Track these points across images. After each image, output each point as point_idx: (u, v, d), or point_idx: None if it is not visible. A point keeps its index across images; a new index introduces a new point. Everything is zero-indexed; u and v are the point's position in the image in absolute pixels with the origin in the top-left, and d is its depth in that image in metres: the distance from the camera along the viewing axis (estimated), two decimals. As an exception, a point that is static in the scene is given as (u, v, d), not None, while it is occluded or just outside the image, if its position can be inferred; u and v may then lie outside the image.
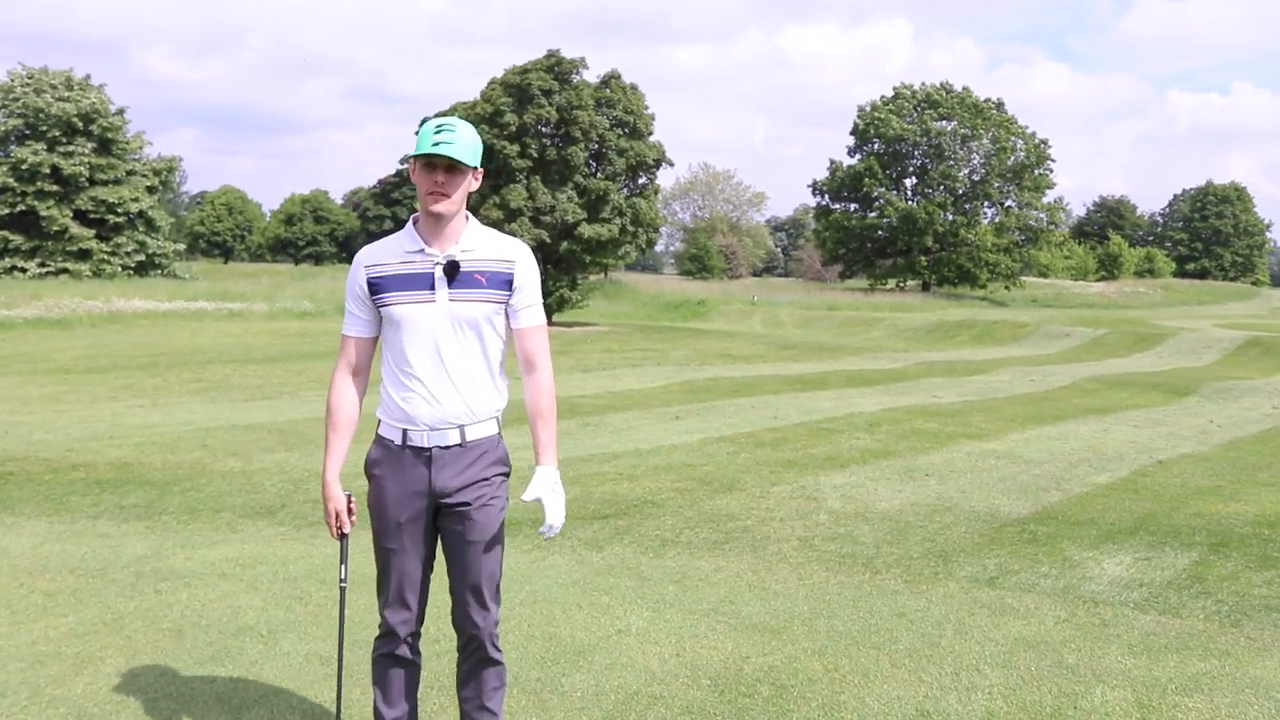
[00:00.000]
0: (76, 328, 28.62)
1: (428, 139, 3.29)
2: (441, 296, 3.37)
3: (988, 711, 4.41)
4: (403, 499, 3.47)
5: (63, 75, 51.58)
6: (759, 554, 6.94)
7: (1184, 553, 7.17)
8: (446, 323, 3.38)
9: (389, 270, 3.39)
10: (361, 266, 3.43)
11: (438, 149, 3.26)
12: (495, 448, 3.55)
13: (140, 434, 11.43)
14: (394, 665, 3.63)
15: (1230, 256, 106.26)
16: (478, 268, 3.40)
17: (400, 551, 3.52)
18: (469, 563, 3.53)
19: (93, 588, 5.84)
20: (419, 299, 3.36)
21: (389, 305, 3.39)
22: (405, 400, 3.41)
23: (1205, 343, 32.59)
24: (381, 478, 3.50)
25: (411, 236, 3.42)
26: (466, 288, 3.39)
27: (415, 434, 3.43)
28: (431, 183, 3.31)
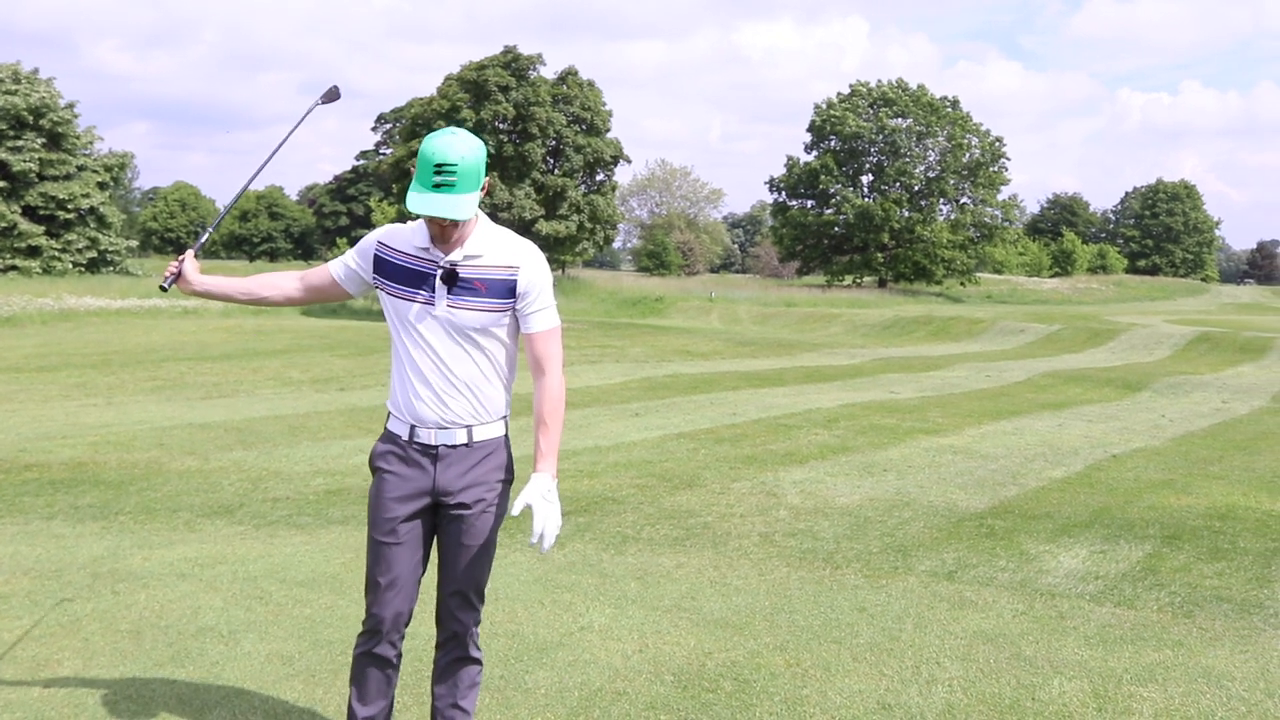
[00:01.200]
0: (27, 326, 28.19)
1: (426, 176, 3.16)
2: (440, 302, 3.33)
3: (948, 704, 4.46)
4: (405, 495, 3.43)
5: (10, 69, 50.73)
6: (720, 550, 6.97)
7: (1138, 545, 7.29)
8: (444, 329, 3.34)
9: (397, 259, 3.38)
10: (377, 239, 3.46)
11: (435, 210, 3.16)
12: (500, 450, 3.53)
13: (94, 433, 11.30)
14: (375, 663, 3.59)
15: (1181, 253, 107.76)
16: (479, 275, 3.34)
17: (396, 547, 3.45)
18: (460, 565, 3.51)
19: (48, 589, 5.76)
20: (416, 298, 3.34)
21: (385, 292, 3.41)
22: (413, 398, 3.40)
23: (1157, 338, 33.05)
24: (385, 471, 3.45)
25: (422, 234, 3.37)
26: (465, 295, 3.33)
27: (423, 432, 3.41)
28: (437, 227, 3.28)
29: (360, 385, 16.75)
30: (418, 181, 3.17)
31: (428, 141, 3.22)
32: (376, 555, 3.48)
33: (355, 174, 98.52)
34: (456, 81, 35.66)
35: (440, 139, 3.20)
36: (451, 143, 3.18)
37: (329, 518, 7.69)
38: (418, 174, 3.17)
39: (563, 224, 35.70)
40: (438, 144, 3.18)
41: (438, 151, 3.16)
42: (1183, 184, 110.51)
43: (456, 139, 3.20)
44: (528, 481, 3.39)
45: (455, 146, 3.17)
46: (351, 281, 3.52)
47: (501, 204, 34.84)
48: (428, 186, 3.15)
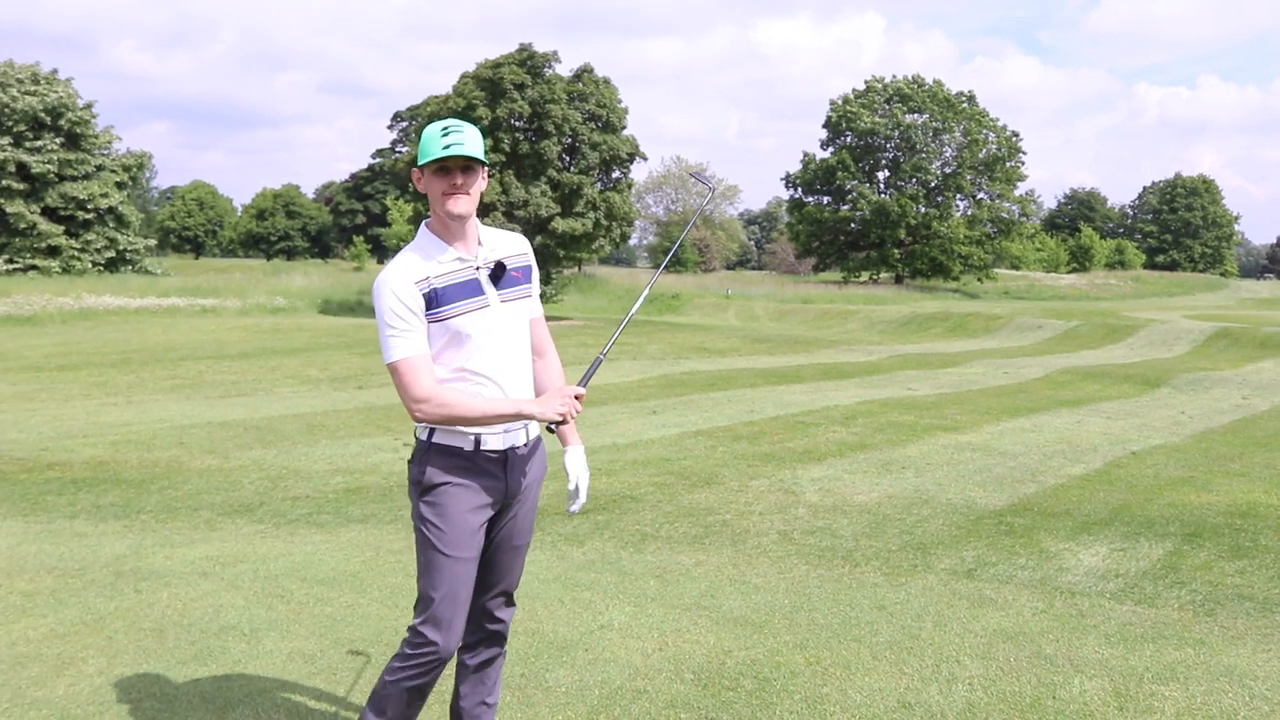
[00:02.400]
0: (47, 325, 28.38)
1: (436, 143, 3.25)
2: (494, 300, 3.36)
3: (968, 703, 4.45)
4: (479, 506, 3.38)
5: (29, 69, 51.04)
6: (739, 548, 6.97)
7: (1158, 543, 7.25)
8: (502, 325, 3.37)
9: (441, 281, 3.29)
10: (410, 284, 3.25)
11: (450, 150, 3.22)
12: (542, 445, 3.62)
13: (115, 432, 11.37)
14: (427, 689, 3.44)
15: (1199, 248, 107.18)
16: (513, 265, 3.46)
17: (467, 562, 3.37)
18: (511, 565, 3.58)
19: (72, 588, 5.80)
20: (475, 306, 3.32)
21: (449, 318, 3.28)
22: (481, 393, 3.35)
23: (1176, 334, 32.89)
24: (452, 486, 3.34)
25: (438, 245, 3.36)
26: (510, 287, 3.42)
27: (490, 438, 3.37)
28: (450, 184, 3.28)
29: (378, 383, 16.79)
30: (429, 153, 3.26)
31: (426, 130, 3.33)
32: (453, 574, 3.34)
33: (371, 172, 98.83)
34: (472, 79, 35.69)
35: (440, 121, 3.34)
36: (451, 120, 3.35)
37: (349, 516, 7.72)
38: (427, 148, 3.27)
39: (579, 221, 35.69)
40: (437, 122, 3.33)
41: (440, 123, 3.31)
42: (1201, 179, 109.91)
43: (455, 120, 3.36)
44: (570, 457, 3.59)
45: (455, 120, 3.33)
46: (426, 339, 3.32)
47: (518, 201, 34.87)
48: (441, 149, 3.24)
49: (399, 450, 10.49)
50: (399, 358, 3.23)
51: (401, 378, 3.24)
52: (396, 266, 3.30)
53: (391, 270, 3.29)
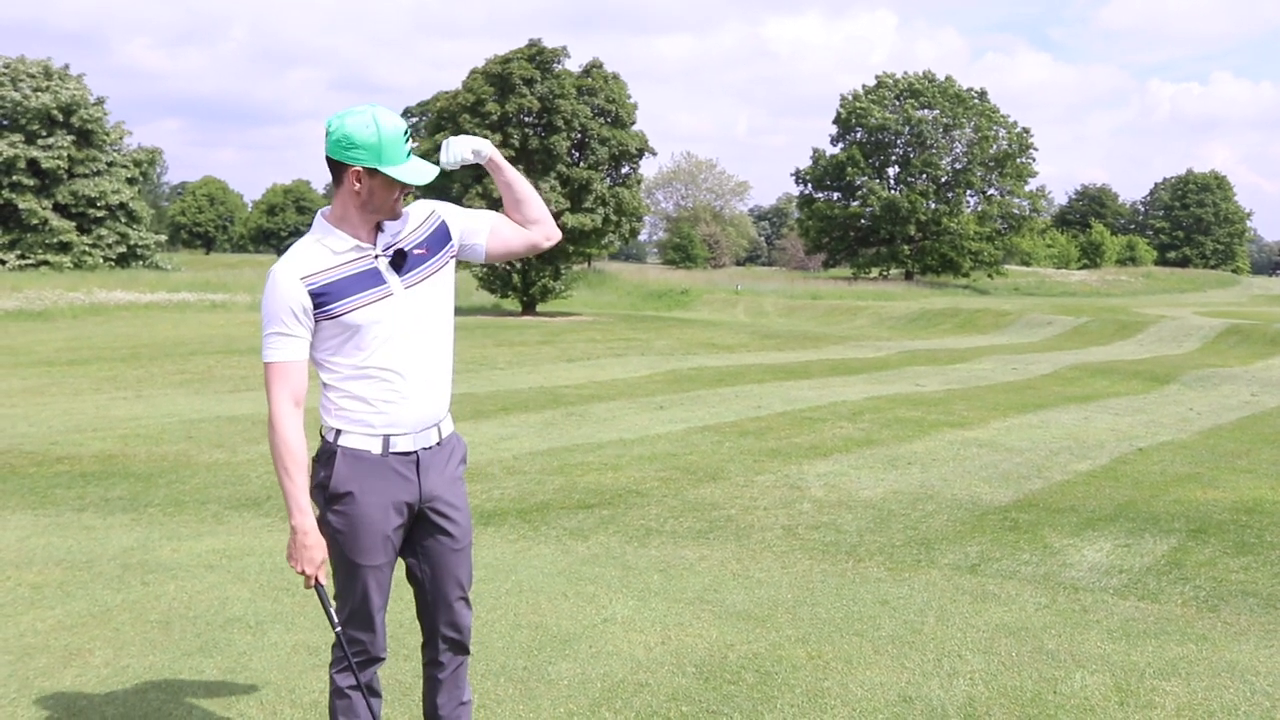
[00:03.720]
0: (58, 320, 28.50)
1: (399, 151, 3.09)
2: (397, 289, 3.17)
3: (969, 697, 4.46)
4: (388, 511, 3.23)
5: (41, 65, 51.17)
6: (743, 543, 6.99)
7: (1163, 539, 7.25)
8: (409, 315, 3.19)
9: (331, 275, 3.10)
10: (296, 280, 3.07)
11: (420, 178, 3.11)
12: (460, 442, 3.48)
13: (124, 426, 11.42)
14: (372, 689, 3.43)
15: (1211, 245, 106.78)
16: (416, 240, 3.26)
17: (381, 569, 3.28)
18: (456, 566, 3.42)
19: (79, 580, 5.85)
20: (375, 296, 3.13)
21: (343, 314, 3.10)
22: (385, 405, 3.19)
23: (1186, 330, 32.81)
24: (359, 494, 3.19)
25: (337, 236, 3.15)
26: (415, 269, 3.22)
27: (399, 439, 3.23)
28: (401, 192, 3.16)
29: (386, 378, 16.83)
30: (393, 160, 3.08)
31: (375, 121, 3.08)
32: (358, 584, 3.26)
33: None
34: (482, 75, 35.71)
35: (379, 112, 3.11)
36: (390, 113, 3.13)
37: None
38: (389, 153, 3.07)
39: (589, 217, 35.71)
40: (388, 117, 3.11)
41: (397, 122, 3.11)
42: (1213, 175, 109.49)
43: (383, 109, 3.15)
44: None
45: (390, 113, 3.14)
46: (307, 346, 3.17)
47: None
48: (405, 156, 3.11)
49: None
50: (273, 359, 3.12)
51: (271, 383, 3.14)
52: (288, 262, 3.12)
53: (282, 265, 3.11)
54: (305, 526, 3.12)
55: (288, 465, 3.12)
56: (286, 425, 3.13)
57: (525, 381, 16.75)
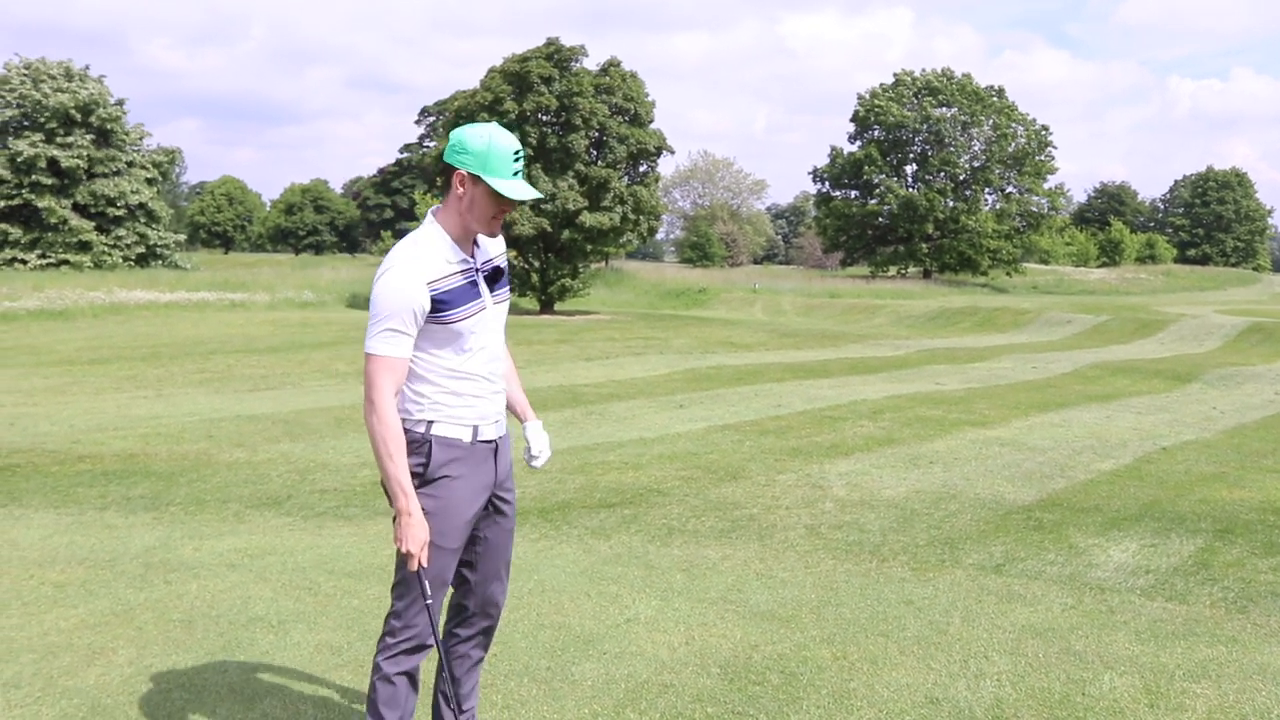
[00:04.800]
0: (79, 319, 28.63)
1: (506, 166, 3.28)
2: (488, 302, 3.43)
3: (996, 698, 4.42)
4: (475, 495, 3.45)
5: (61, 66, 51.47)
6: (766, 542, 6.95)
7: (1189, 539, 7.19)
8: (494, 326, 3.47)
9: (448, 284, 3.30)
10: (422, 284, 3.24)
11: (523, 195, 3.29)
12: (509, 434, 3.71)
13: (145, 425, 11.45)
14: (414, 681, 3.49)
15: (1231, 242, 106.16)
16: (500, 263, 3.54)
17: (455, 554, 3.47)
18: (505, 546, 3.67)
19: (102, 579, 5.85)
20: (475, 309, 3.36)
21: (453, 321, 3.31)
22: (475, 401, 3.42)
23: (1207, 329, 32.59)
24: (454, 478, 3.39)
25: (451, 247, 3.35)
26: (500, 287, 3.51)
27: (485, 428, 3.46)
28: (504, 209, 3.35)
29: (405, 377, 16.85)
30: (498, 171, 3.27)
31: (490, 134, 3.30)
32: (442, 565, 3.41)
33: (399, 167, 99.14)
34: (499, 74, 35.71)
35: (496, 129, 3.32)
36: (508, 133, 3.34)
37: (376, 509, 7.75)
38: (495, 164, 3.26)
39: (606, 215, 35.66)
40: (503, 135, 3.31)
41: (510, 140, 3.31)
42: (1234, 172, 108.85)
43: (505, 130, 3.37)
44: (533, 428, 3.79)
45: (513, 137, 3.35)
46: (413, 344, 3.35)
47: (545, 195, 34.89)
48: (511, 174, 3.29)
49: (426, 444, 10.51)
50: (382, 354, 3.24)
51: (374, 374, 3.25)
52: (412, 264, 3.27)
53: (407, 267, 3.26)
54: (411, 508, 3.26)
55: (393, 451, 3.24)
56: (393, 413, 3.27)
57: (544, 380, 16.74)
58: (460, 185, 3.30)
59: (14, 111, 49.91)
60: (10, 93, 49.86)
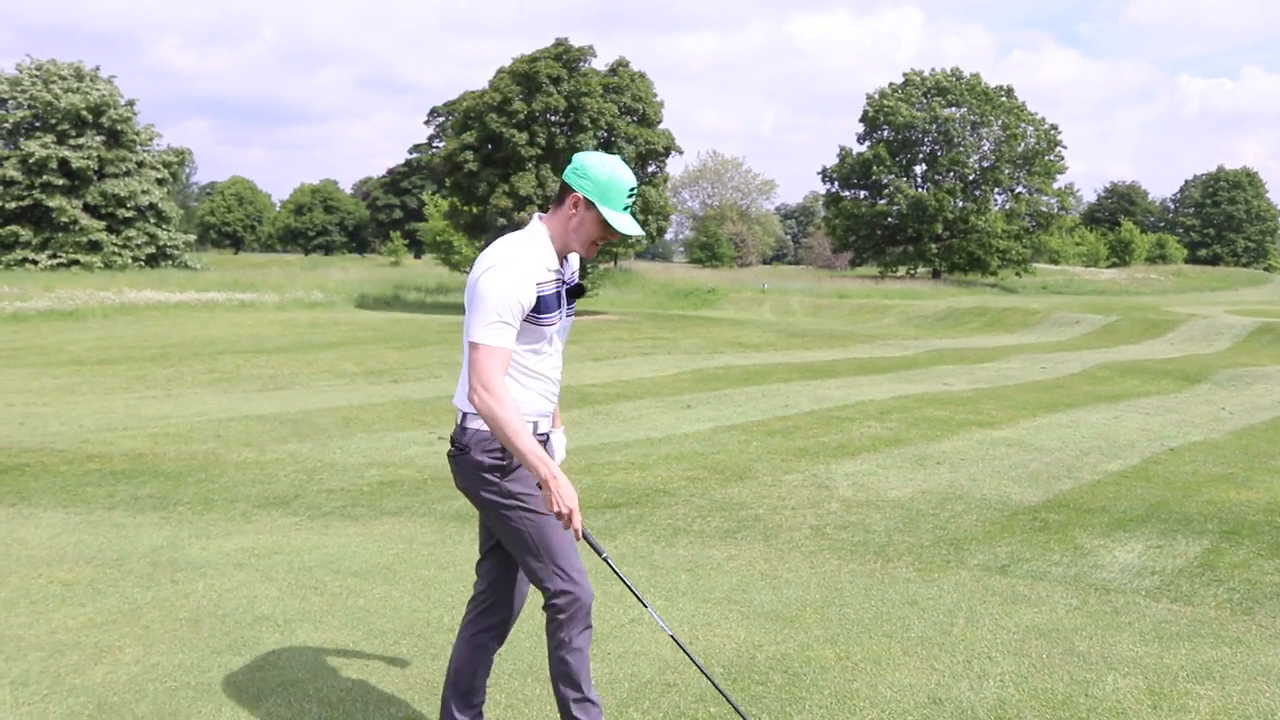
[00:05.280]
0: (89, 319, 28.73)
1: (621, 199, 3.51)
2: (564, 314, 3.64)
3: (999, 699, 4.43)
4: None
5: (72, 67, 51.70)
6: (771, 543, 6.96)
7: (1195, 540, 7.18)
8: (563, 336, 3.70)
9: (545, 290, 3.48)
10: (531, 283, 3.42)
11: (633, 231, 3.52)
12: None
13: (154, 425, 11.49)
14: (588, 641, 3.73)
15: (1242, 242, 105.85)
16: (582, 283, 3.76)
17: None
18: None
19: (110, 578, 5.88)
20: (557, 319, 3.56)
21: (544, 324, 3.51)
22: (539, 400, 3.61)
23: (1217, 329, 32.49)
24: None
25: (553, 255, 3.55)
26: (573, 303, 3.71)
27: (542, 424, 3.67)
28: (603, 238, 3.57)
29: (414, 378, 16.90)
30: (612, 203, 3.50)
31: (614, 167, 3.52)
32: (566, 539, 3.60)
33: (409, 167, 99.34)
34: (508, 74, 35.75)
35: (620, 164, 3.55)
36: (628, 169, 3.57)
37: (382, 509, 7.77)
38: (612, 196, 3.49)
39: (615, 216, 35.73)
40: (624, 170, 3.54)
41: (629, 177, 3.54)
42: (1245, 171, 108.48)
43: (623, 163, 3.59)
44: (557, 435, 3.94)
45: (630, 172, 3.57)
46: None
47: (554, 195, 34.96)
48: (623, 207, 3.53)
49: (433, 444, 10.55)
50: (494, 344, 3.39)
51: (486, 362, 3.37)
52: (525, 263, 3.44)
53: (518, 265, 3.42)
54: (554, 472, 3.38)
55: (519, 428, 3.35)
56: (510, 396, 3.41)
57: (552, 380, 16.74)
58: (574, 206, 3.52)
59: (25, 113, 50.15)
60: (22, 94, 50.11)
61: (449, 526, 7.23)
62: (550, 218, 3.59)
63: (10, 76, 50.75)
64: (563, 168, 32.86)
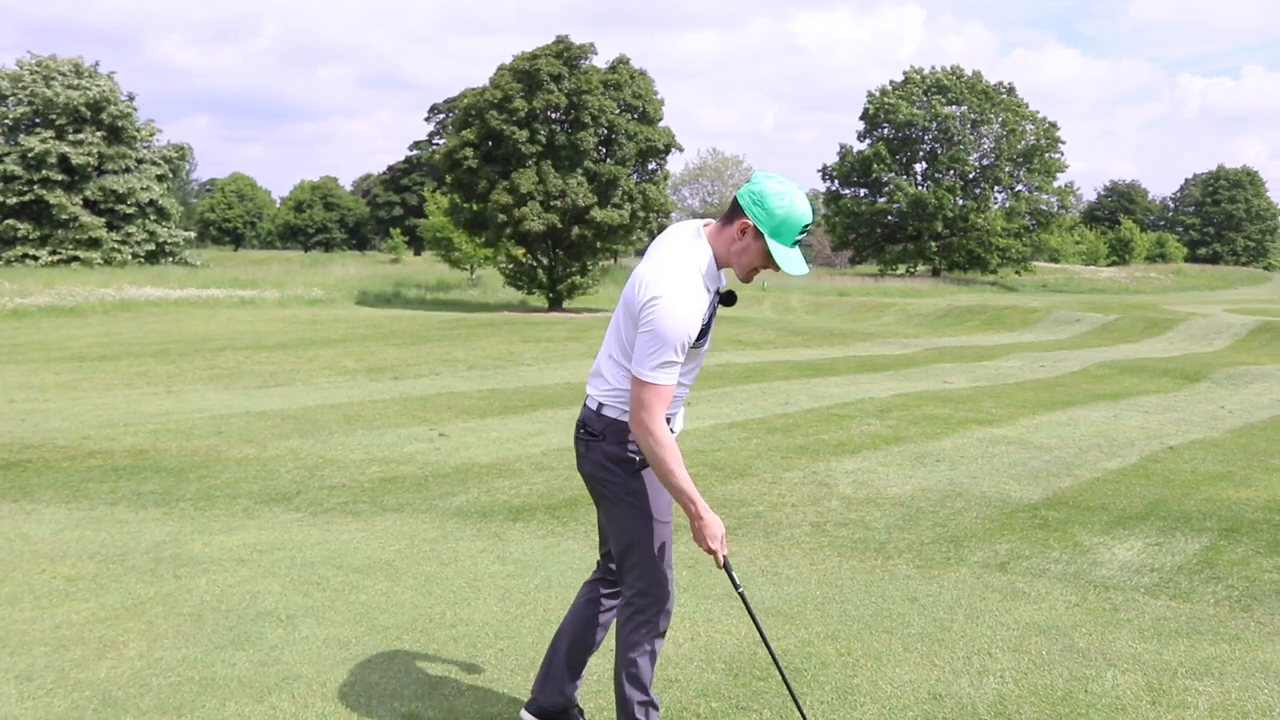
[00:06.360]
0: (89, 315, 28.74)
1: (792, 235, 3.40)
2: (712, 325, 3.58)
3: (999, 695, 4.45)
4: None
5: (71, 63, 51.66)
6: (771, 539, 6.98)
7: (1194, 538, 7.20)
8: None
9: (708, 314, 3.45)
10: (699, 319, 3.39)
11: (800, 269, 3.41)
12: None
13: (155, 421, 11.51)
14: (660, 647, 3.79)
15: (1242, 241, 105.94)
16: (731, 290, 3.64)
17: (670, 526, 3.72)
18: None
19: (113, 573, 5.90)
20: (710, 332, 3.54)
21: (699, 348, 3.51)
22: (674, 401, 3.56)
23: (1217, 328, 32.50)
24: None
25: (716, 277, 3.50)
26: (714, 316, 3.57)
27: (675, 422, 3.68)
28: (764, 267, 3.48)
29: (414, 374, 16.91)
30: (782, 238, 3.40)
31: (792, 202, 3.39)
32: (664, 536, 3.67)
33: (409, 164, 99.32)
34: (509, 71, 35.72)
35: (799, 197, 3.41)
36: (807, 204, 3.43)
37: (384, 505, 7.79)
38: (782, 230, 3.39)
39: (616, 212, 35.69)
40: (803, 205, 3.41)
41: (805, 214, 3.41)
42: (1245, 170, 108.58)
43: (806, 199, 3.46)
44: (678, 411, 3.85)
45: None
46: None
47: (555, 192, 34.94)
48: (791, 244, 3.42)
49: (434, 440, 10.57)
50: (662, 383, 3.37)
51: (653, 400, 3.36)
52: (694, 295, 3.38)
53: (691, 299, 3.37)
54: (702, 512, 3.47)
55: (674, 468, 3.40)
56: (669, 435, 3.44)
57: (553, 378, 16.78)
58: (741, 232, 3.42)
59: (25, 109, 50.11)
60: (22, 90, 50.08)
61: (450, 523, 7.25)
62: (716, 235, 3.48)
63: (11, 72, 50.74)
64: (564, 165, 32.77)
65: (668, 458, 3.39)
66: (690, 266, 3.41)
